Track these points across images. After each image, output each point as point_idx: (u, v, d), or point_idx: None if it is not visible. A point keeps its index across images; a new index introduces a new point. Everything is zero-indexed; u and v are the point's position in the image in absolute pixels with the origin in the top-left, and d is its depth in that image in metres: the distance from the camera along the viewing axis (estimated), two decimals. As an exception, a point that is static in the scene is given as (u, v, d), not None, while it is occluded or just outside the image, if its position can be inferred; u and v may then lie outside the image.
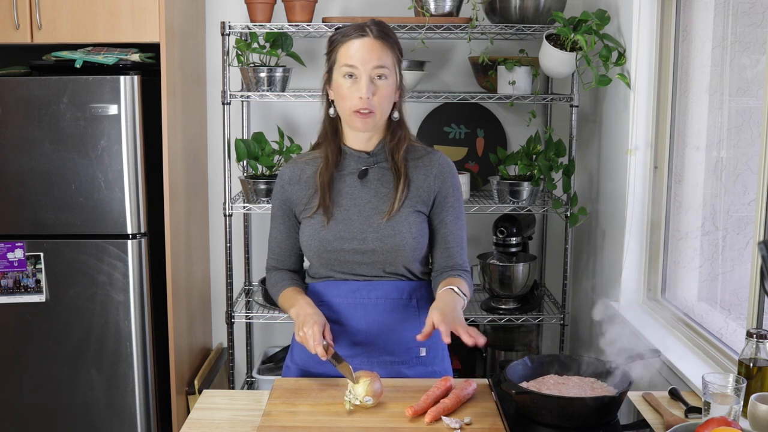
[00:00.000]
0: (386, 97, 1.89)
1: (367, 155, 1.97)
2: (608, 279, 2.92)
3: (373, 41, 1.87)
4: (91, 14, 2.75)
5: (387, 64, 1.88)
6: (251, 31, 3.00)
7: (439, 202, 1.97)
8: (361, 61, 1.86)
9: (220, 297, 3.46)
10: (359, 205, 1.94)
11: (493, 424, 1.71)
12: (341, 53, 1.89)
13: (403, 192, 1.93)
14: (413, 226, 1.93)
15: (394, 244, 1.92)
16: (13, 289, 2.83)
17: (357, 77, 1.87)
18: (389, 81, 1.89)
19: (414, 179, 1.95)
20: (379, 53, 1.87)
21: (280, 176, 2.04)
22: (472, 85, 3.32)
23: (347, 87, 1.88)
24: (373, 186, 1.96)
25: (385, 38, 1.90)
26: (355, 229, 1.93)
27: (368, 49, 1.87)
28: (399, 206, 1.92)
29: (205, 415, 1.80)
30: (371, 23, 1.91)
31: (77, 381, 2.88)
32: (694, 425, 1.52)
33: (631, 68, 2.68)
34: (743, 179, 2.24)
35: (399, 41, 1.95)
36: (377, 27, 1.90)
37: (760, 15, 2.17)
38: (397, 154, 1.95)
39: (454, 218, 1.99)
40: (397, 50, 1.93)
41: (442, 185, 1.97)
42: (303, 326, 1.84)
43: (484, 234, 3.38)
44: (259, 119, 3.40)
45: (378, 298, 1.96)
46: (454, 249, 1.99)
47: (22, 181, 2.78)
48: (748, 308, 2.02)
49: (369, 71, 1.86)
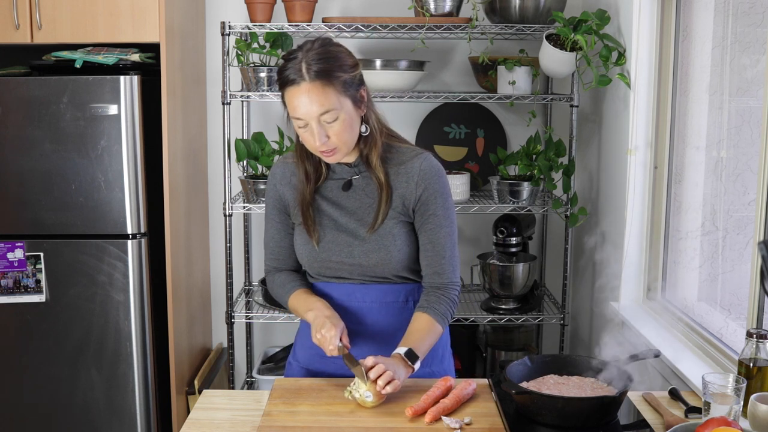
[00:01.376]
0: (343, 131, 1.81)
1: (350, 166, 1.94)
2: (608, 279, 2.92)
3: (309, 86, 1.75)
4: (91, 14, 2.75)
5: (331, 104, 1.77)
6: (251, 31, 3.00)
7: (419, 209, 1.91)
8: (305, 113, 1.77)
9: (220, 297, 3.46)
10: (345, 216, 1.92)
11: (493, 424, 1.71)
12: (287, 101, 1.81)
13: (387, 204, 1.89)
14: (398, 238, 1.91)
15: (380, 259, 1.90)
16: (13, 289, 2.83)
17: (308, 125, 1.81)
18: (341, 118, 1.79)
19: (396, 187, 1.91)
20: (320, 98, 1.76)
21: (271, 175, 2.01)
22: (472, 85, 3.32)
23: (302, 133, 1.83)
24: (358, 196, 1.93)
25: (323, 76, 1.76)
26: (342, 242, 1.92)
27: (307, 98, 1.76)
28: (383, 219, 1.90)
29: (205, 415, 1.79)
30: (309, 58, 1.77)
31: (77, 381, 2.88)
32: (694, 425, 1.52)
33: (631, 68, 2.68)
34: (743, 179, 2.24)
35: (345, 59, 1.81)
36: (316, 62, 1.76)
37: (760, 15, 2.17)
38: (373, 162, 1.89)
39: (435, 226, 1.91)
40: (341, 75, 1.78)
41: (423, 192, 1.90)
42: (321, 328, 1.82)
43: (484, 234, 3.38)
44: (259, 119, 3.40)
45: (373, 301, 1.95)
46: (436, 258, 1.92)
47: (22, 181, 2.78)
48: (748, 308, 2.02)
49: (315, 118, 1.78)
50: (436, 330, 1.90)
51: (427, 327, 1.89)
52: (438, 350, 2.03)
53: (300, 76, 1.76)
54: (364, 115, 1.87)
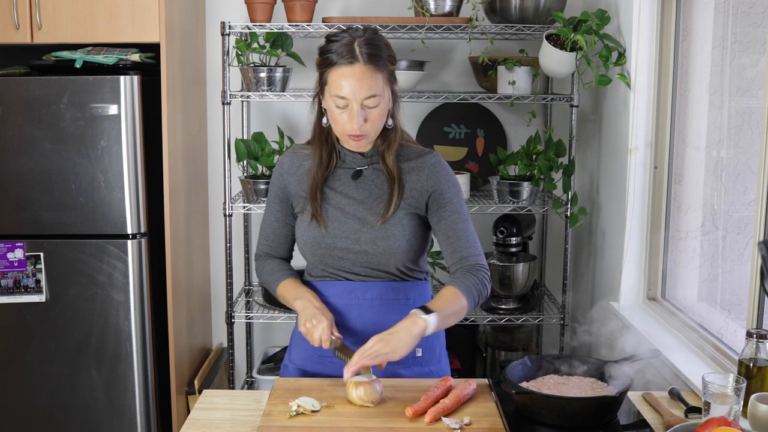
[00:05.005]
0: (378, 119, 1.86)
1: (362, 156, 1.96)
2: (608, 279, 2.92)
3: (362, 69, 1.80)
4: (91, 14, 2.75)
5: (377, 90, 1.82)
6: (251, 31, 3.00)
7: (434, 200, 1.94)
8: (352, 93, 1.80)
9: (220, 297, 3.46)
10: (353, 205, 1.93)
11: (493, 424, 1.71)
12: (331, 80, 1.83)
13: (398, 197, 1.92)
14: (407, 229, 1.93)
15: (387, 247, 1.91)
16: (13, 289, 2.83)
17: (348, 107, 1.82)
18: (381, 105, 1.84)
19: (407, 183, 1.93)
20: (370, 82, 1.80)
21: (279, 164, 2.03)
22: (472, 85, 3.32)
23: (338, 113, 1.84)
24: (367, 187, 1.95)
25: (376, 61, 1.81)
26: (348, 229, 1.92)
27: (358, 78, 1.79)
28: (393, 210, 1.91)
29: (205, 415, 1.80)
30: (362, 41, 1.81)
31: (77, 381, 2.88)
32: (694, 425, 1.52)
33: (631, 68, 2.68)
34: (743, 179, 2.24)
35: (390, 51, 1.88)
36: (368, 47, 1.81)
37: (760, 15, 2.17)
38: (388, 157, 1.93)
39: (452, 212, 1.93)
40: (388, 65, 1.86)
41: (435, 184, 1.94)
42: (312, 318, 1.84)
43: (484, 234, 3.38)
44: (259, 119, 3.40)
45: (373, 298, 1.96)
46: (459, 242, 1.94)
47: (22, 181, 2.78)
48: (748, 308, 2.02)
49: (360, 101, 1.81)
50: (459, 299, 1.86)
51: (449, 295, 1.87)
52: (436, 350, 2.03)
53: (354, 57, 1.80)
54: (391, 109, 1.91)
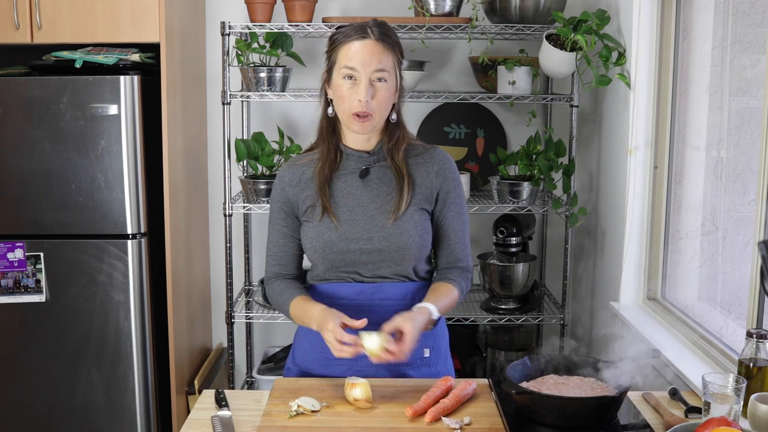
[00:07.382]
0: (385, 99, 1.88)
1: (368, 154, 1.96)
2: (608, 279, 2.92)
3: (374, 43, 1.86)
4: (91, 14, 2.75)
5: (387, 67, 1.87)
6: (251, 31, 3.00)
7: (441, 198, 1.97)
8: (362, 63, 1.85)
9: (220, 297, 3.46)
10: (363, 204, 1.93)
11: (493, 424, 1.71)
12: (341, 54, 1.88)
13: (409, 193, 1.93)
14: (418, 224, 1.93)
15: (401, 243, 1.91)
16: (13, 289, 2.83)
17: (357, 79, 1.85)
18: (389, 84, 1.88)
19: (416, 177, 1.95)
20: (380, 56, 1.86)
21: (279, 178, 2.01)
22: (472, 85, 3.32)
23: (346, 89, 1.86)
24: (375, 185, 1.95)
25: (386, 40, 1.88)
26: (360, 229, 1.92)
27: (369, 51, 1.85)
28: (406, 207, 1.92)
29: (205, 415, 1.79)
30: (373, 24, 1.90)
31: (77, 381, 2.88)
32: (694, 425, 1.52)
33: (631, 68, 2.68)
34: (743, 179, 2.24)
35: (400, 42, 1.95)
36: (379, 28, 1.89)
37: (760, 15, 2.17)
38: (396, 156, 1.94)
39: (456, 214, 1.99)
40: (398, 51, 1.92)
41: (443, 182, 1.97)
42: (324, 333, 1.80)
43: (484, 234, 3.38)
44: (259, 119, 3.40)
45: (382, 300, 1.95)
46: (456, 245, 2.00)
47: (22, 181, 2.78)
48: (748, 308, 2.02)
49: (369, 74, 1.85)
50: (453, 294, 1.96)
51: (445, 290, 1.95)
52: (441, 350, 2.03)
53: (366, 33, 1.87)
54: (396, 104, 1.94)
